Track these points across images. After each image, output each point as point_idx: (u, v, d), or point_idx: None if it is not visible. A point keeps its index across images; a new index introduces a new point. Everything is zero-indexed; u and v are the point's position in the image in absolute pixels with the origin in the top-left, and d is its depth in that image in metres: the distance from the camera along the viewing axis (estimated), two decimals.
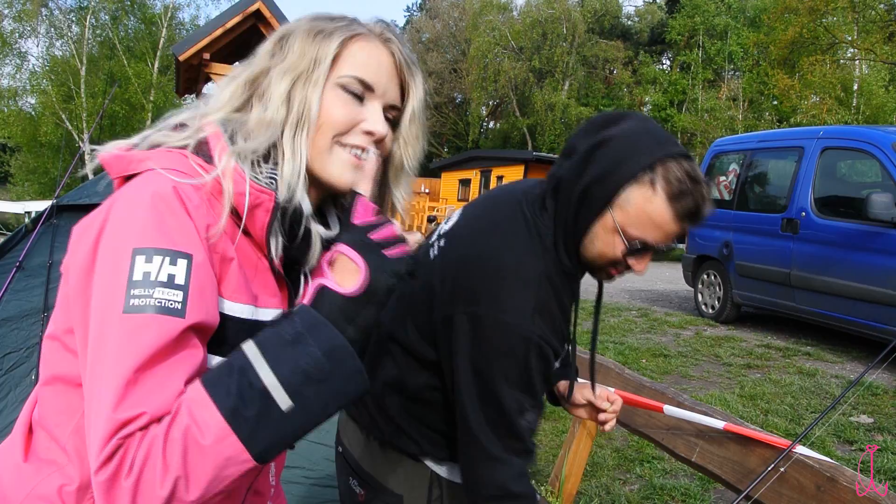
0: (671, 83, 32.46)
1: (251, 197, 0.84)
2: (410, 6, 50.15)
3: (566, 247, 1.21)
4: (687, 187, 1.13)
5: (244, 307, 0.84)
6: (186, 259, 0.75)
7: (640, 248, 1.18)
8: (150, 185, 0.78)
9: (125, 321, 0.72)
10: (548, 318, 1.17)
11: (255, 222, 0.86)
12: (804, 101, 22.90)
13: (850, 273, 5.87)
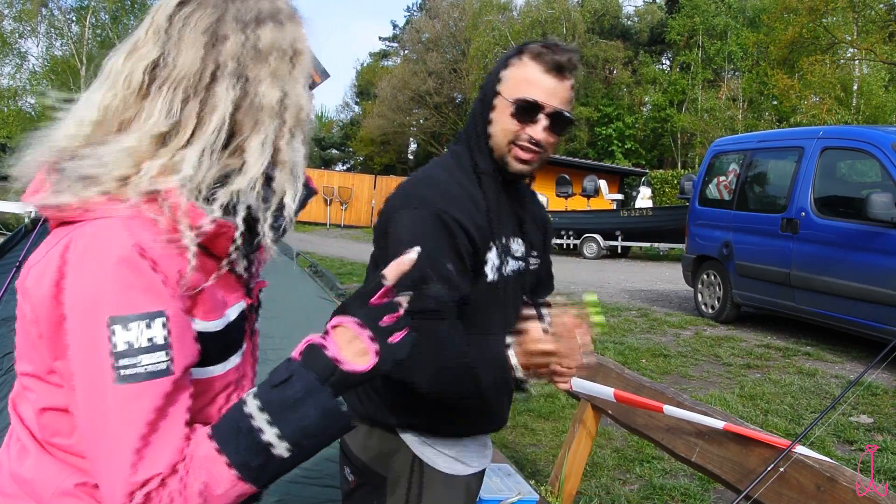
0: (671, 83, 32.43)
1: (213, 228, 0.87)
2: (410, 6, 50.17)
3: (479, 149, 1.41)
4: (546, 49, 1.34)
5: (217, 322, 0.91)
6: (162, 318, 0.80)
7: (524, 107, 1.34)
8: (112, 247, 0.80)
9: (119, 392, 0.78)
10: (452, 201, 1.33)
11: (217, 247, 0.90)
12: (804, 101, 22.90)
13: (850, 273, 5.86)
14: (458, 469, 1.49)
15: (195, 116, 0.87)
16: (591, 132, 33.72)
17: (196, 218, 0.85)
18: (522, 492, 2.44)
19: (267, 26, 0.91)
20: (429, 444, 1.45)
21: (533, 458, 3.94)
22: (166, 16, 0.89)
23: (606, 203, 19.33)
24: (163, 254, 0.82)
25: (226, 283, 0.95)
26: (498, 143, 1.39)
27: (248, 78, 0.90)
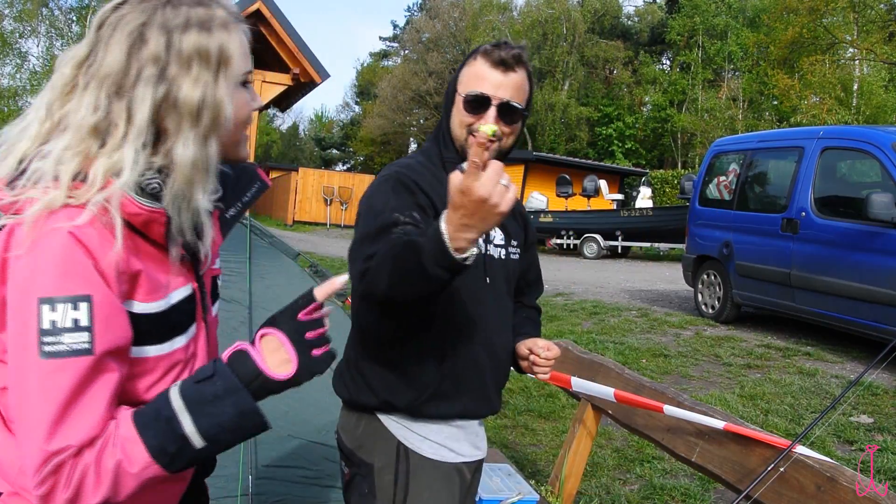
0: (671, 83, 32.43)
1: (143, 216, 0.94)
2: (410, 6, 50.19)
3: (445, 143, 1.56)
4: (493, 47, 1.49)
5: (157, 303, 0.98)
6: (87, 302, 0.87)
7: (473, 100, 1.48)
8: (50, 234, 0.87)
9: (41, 366, 0.86)
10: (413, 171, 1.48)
11: (153, 233, 0.97)
12: (804, 101, 22.90)
13: (850, 273, 5.86)
14: (446, 455, 1.49)
15: (125, 115, 0.94)
16: (591, 132, 33.72)
17: (127, 206, 0.92)
18: (522, 492, 2.44)
19: (192, 32, 0.97)
20: (413, 431, 1.47)
21: (533, 458, 3.94)
22: (99, 18, 0.97)
23: (607, 203, 19.33)
24: (99, 242, 0.89)
25: (169, 268, 1.01)
26: (458, 136, 1.53)
27: (170, 80, 0.95)
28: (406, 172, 1.47)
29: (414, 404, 1.46)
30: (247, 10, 12.37)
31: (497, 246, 1.57)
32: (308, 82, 13.48)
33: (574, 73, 34.45)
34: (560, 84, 34.25)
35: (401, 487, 1.46)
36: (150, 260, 0.98)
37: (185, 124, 0.96)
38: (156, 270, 0.98)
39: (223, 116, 0.99)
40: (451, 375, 1.46)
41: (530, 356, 1.57)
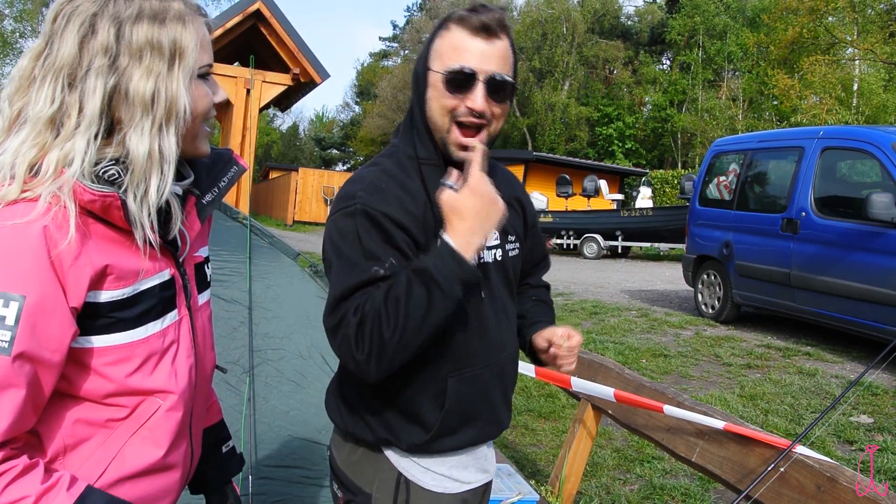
0: (671, 83, 32.45)
1: (98, 202, 0.94)
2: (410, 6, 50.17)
3: (419, 136, 1.30)
4: (470, 11, 1.24)
5: (125, 290, 0.98)
6: (19, 301, 0.86)
7: (458, 76, 1.22)
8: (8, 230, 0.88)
9: None
10: (379, 195, 1.22)
11: (114, 218, 0.97)
12: (804, 101, 22.90)
13: (850, 273, 5.86)
14: (450, 486, 1.38)
15: (77, 106, 0.94)
16: (591, 132, 33.73)
17: (80, 193, 0.93)
18: (523, 492, 2.44)
19: (144, 24, 0.96)
20: (414, 461, 1.36)
21: (533, 458, 3.94)
22: (54, 9, 0.97)
23: (607, 203, 19.33)
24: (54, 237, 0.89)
25: (138, 254, 1.01)
26: (438, 125, 1.27)
27: (121, 71, 0.95)
28: (372, 204, 1.21)
29: (417, 445, 1.32)
30: (247, 10, 12.38)
31: (490, 248, 1.36)
32: (308, 82, 13.49)
33: (574, 73, 34.46)
34: (560, 84, 34.24)
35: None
36: (118, 247, 0.98)
37: (138, 115, 0.96)
38: (124, 258, 0.99)
39: (178, 108, 0.99)
40: (455, 409, 1.31)
41: (550, 349, 1.40)
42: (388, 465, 1.35)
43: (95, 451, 1.00)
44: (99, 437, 1.01)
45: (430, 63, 1.27)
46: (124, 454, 1.02)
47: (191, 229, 1.13)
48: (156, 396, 1.04)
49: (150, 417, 1.04)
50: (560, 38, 33.89)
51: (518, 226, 1.47)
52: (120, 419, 1.02)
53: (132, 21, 0.96)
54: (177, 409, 1.07)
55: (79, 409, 0.99)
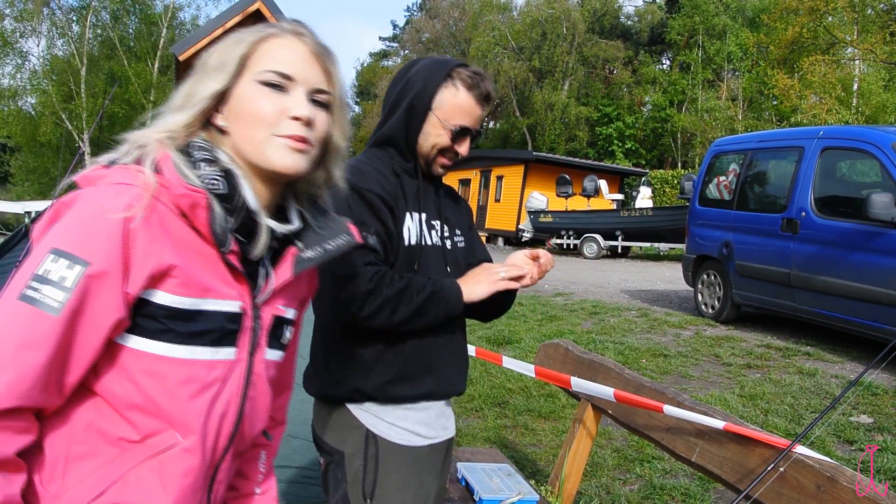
0: (671, 83, 32.43)
1: (188, 197, 0.94)
2: (410, 6, 50.17)
3: (402, 154, 1.62)
4: (478, 79, 1.58)
5: (185, 299, 0.94)
6: (83, 266, 0.86)
7: (460, 132, 1.59)
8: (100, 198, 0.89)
9: (11, 306, 0.85)
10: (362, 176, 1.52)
11: (198, 220, 0.95)
12: (804, 101, 22.89)
13: (850, 273, 5.86)
14: (414, 440, 1.56)
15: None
16: (591, 132, 33.72)
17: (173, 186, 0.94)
18: (522, 492, 2.44)
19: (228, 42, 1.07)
20: (381, 418, 1.54)
21: (533, 458, 3.94)
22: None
23: (607, 203, 19.33)
24: (141, 220, 0.90)
25: (217, 273, 0.98)
26: (426, 153, 1.60)
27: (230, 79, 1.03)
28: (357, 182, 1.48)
29: (381, 387, 1.52)
30: (246, 10, 12.39)
31: (446, 237, 1.66)
32: None
33: (574, 72, 34.44)
34: (560, 84, 34.23)
35: (370, 472, 1.53)
36: (192, 254, 0.95)
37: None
38: (194, 267, 0.95)
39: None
40: (413, 359, 1.54)
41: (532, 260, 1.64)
42: (356, 422, 1.54)
43: (98, 470, 0.93)
44: (105, 455, 0.94)
45: (434, 106, 1.57)
46: (127, 480, 0.94)
47: (279, 277, 1.07)
48: (176, 430, 0.96)
49: (163, 451, 0.95)
50: (560, 37, 33.86)
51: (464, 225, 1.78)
52: (132, 441, 0.95)
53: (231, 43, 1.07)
54: (194, 453, 0.97)
55: (95, 414, 0.94)
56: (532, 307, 8.56)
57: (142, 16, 29.90)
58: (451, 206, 1.75)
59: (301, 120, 1.01)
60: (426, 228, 1.61)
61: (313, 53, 1.05)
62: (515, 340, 6.73)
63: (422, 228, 1.59)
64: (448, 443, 1.68)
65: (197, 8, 52.57)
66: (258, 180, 1.04)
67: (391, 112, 1.63)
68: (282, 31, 1.06)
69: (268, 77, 1.01)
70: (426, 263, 1.59)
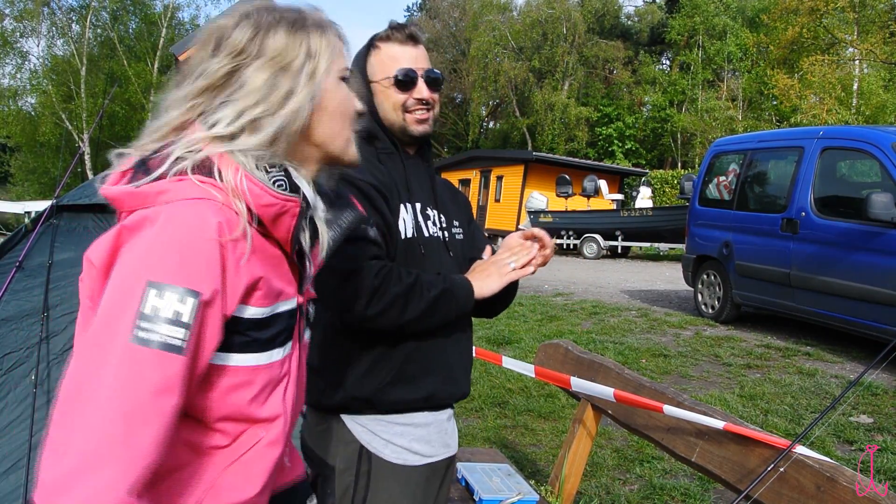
0: (671, 83, 32.42)
1: (277, 206, 0.91)
2: (410, 6, 50.09)
3: (377, 135, 1.54)
4: (393, 29, 1.54)
5: (265, 310, 0.93)
6: (195, 298, 0.80)
7: (404, 77, 1.51)
8: (183, 219, 0.83)
9: (128, 350, 0.77)
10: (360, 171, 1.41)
11: (281, 228, 0.94)
12: (804, 101, 22.89)
13: (850, 273, 5.86)
14: (411, 460, 1.47)
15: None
16: (591, 132, 33.71)
17: (257, 195, 0.89)
18: (522, 492, 2.44)
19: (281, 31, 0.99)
20: (376, 434, 1.45)
21: (533, 458, 3.94)
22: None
23: (606, 203, 19.33)
24: (233, 238, 0.86)
25: (284, 274, 0.98)
26: (392, 120, 1.54)
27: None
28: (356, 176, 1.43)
29: (378, 391, 1.43)
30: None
31: (435, 225, 1.59)
32: None
33: (574, 73, 34.43)
34: (560, 84, 34.23)
35: (360, 490, 1.45)
36: (271, 262, 0.94)
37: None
38: (273, 275, 0.94)
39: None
40: (413, 358, 1.45)
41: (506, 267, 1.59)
42: (350, 436, 1.46)
43: (192, 479, 0.90)
44: (196, 464, 0.91)
45: (370, 78, 1.53)
46: (220, 485, 0.92)
47: (315, 263, 1.07)
48: (258, 427, 0.96)
49: (249, 449, 0.95)
50: (560, 38, 33.85)
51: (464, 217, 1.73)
52: (221, 447, 0.93)
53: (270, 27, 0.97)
54: (277, 444, 0.98)
55: (187, 431, 0.89)
56: (532, 307, 8.56)
57: (141, 16, 29.90)
58: (448, 197, 1.69)
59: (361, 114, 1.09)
60: (422, 219, 1.54)
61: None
62: (515, 340, 6.73)
63: (417, 219, 1.53)
64: (449, 461, 1.58)
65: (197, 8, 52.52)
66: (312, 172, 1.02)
67: None
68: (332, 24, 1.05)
69: (347, 74, 1.05)
70: (427, 256, 1.51)
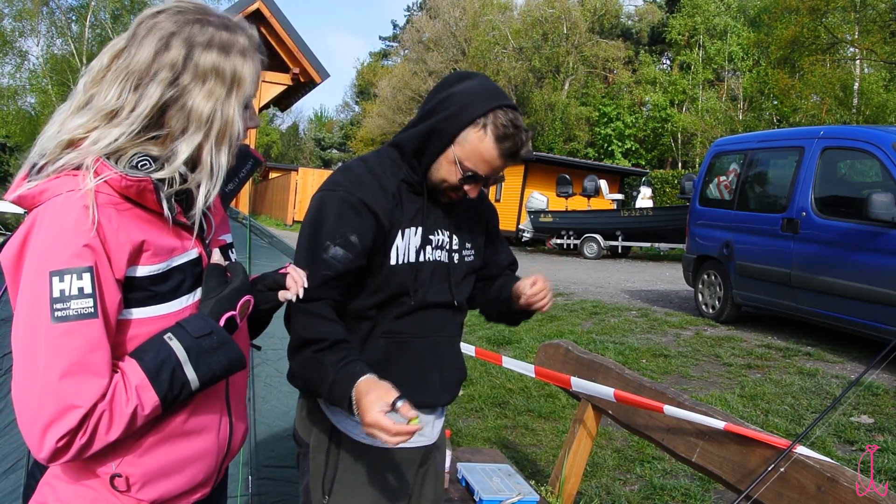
0: (671, 83, 32.40)
1: (133, 187, 1.07)
2: (410, 6, 50.12)
3: (413, 169, 1.53)
4: (510, 132, 1.44)
5: (160, 265, 1.12)
6: (90, 272, 1.01)
7: (472, 178, 1.49)
8: (64, 217, 1.02)
9: (53, 330, 0.99)
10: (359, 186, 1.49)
11: (147, 200, 1.10)
12: (804, 100, 22.87)
13: (850, 273, 5.86)
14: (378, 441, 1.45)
15: (132, 104, 1.09)
16: (591, 132, 33.71)
17: (117, 180, 1.06)
18: (523, 492, 2.44)
19: (213, 52, 1.12)
20: (346, 415, 1.50)
21: (533, 459, 3.94)
22: (139, 19, 1.13)
23: (607, 203, 19.33)
24: (102, 218, 1.04)
25: (173, 234, 1.15)
26: (435, 182, 1.53)
27: (181, 88, 1.10)
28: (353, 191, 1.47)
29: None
30: (246, 10, 12.37)
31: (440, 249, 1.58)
32: (308, 82, 13.48)
33: (574, 72, 34.42)
34: (560, 84, 34.22)
35: (331, 467, 1.52)
36: (152, 227, 1.12)
37: (192, 128, 1.12)
38: (158, 237, 1.12)
39: (233, 131, 1.16)
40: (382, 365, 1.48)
41: (521, 299, 1.64)
42: (323, 416, 1.55)
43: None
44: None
45: (457, 140, 1.47)
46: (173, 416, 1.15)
47: (215, 215, 1.27)
48: None
49: None
50: (560, 37, 33.84)
51: (479, 236, 1.72)
52: None
53: (203, 47, 1.11)
54: None
55: None
56: None
57: None
58: (466, 215, 1.66)
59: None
60: (423, 244, 1.54)
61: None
62: (515, 340, 6.73)
63: (420, 244, 1.53)
64: (425, 451, 1.61)
65: None
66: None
67: (420, 120, 1.53)
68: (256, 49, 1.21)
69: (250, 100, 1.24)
70: (422, 281, 1.53)
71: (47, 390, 0.97)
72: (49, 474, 1.15)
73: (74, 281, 0.99)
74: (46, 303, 0.99)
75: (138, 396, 1.04)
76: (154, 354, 1.07)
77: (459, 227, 1.63)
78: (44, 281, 0.99)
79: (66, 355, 0.98)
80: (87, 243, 1.01)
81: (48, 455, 0.99)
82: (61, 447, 0.98)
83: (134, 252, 1.08)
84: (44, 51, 28.83)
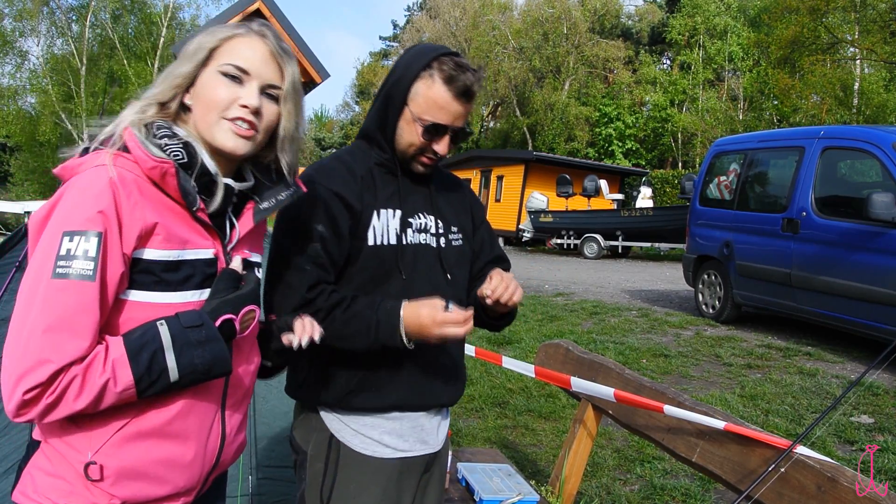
0: (671, 83, 32.39)
1: (157, 169, 1.12)
2: (410, 6, 50.12)
3: (380, 145, 1.53)
4: (456, 72, 1.44)
5: (170, 252, 1.13)
6: (98, 237, 1.04)
7: (433, 128, 1.46)
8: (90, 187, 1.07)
9: (51, 284, 1.02)
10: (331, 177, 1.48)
11: (169, 185, 1.13)
12: (804, 100, 22.85)
13: (850, 273, 5.86)
14: (380, 451, 1.49)
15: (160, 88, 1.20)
16: (591, 132, 33.69)
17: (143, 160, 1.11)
18: (523, 492, 2.44)
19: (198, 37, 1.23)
20: (346, 424, 1.49)
21: (533, 459, 3.94)
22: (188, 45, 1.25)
23: (607, 203, 19.33)
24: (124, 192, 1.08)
25: (192, 228, 1.18)
26: (403, 150, 1.51)
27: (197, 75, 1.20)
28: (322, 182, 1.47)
29: (342, 399, 1.48)
30: (247, 10, 12.37)
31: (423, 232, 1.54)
32: (308, 82, 13.47)
33: (574, 72, 34.41)
34: (560, 84, 34.21)
35: (329, 477, 1.49)
36: (170, 213, 1.14)
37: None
38: (173, 223, 1.14)
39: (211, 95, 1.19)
40: (378, 366, 1.47)
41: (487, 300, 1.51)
42: (321, 425, 1.51)
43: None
44: None
45: (409, 100, 1.47)
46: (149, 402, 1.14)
47: (242, 226, 1.27)
48: None
49: None
50: (560, 37, 33.83)
51: (465, 222, 1.67)
52: None
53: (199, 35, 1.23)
54: None
55: None
56: (532, 307, 8.56)
57: (142, 15, 29.87)
58: (447, 200, 1.63)
59: (248, 108, 1.18)
60: (403, 226, 1.51)
61: (272, 53, 1.22)
62: (515, 340, 6.73)
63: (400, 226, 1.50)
64: (428, 458, 1.58)
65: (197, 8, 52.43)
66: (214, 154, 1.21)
67: (374, 100, 1.55)
68: (248, 32, 1.22)
69: (227, 69, 1.18)
70: (409, 264, 1.49)
71: (30, 341, 1.00)
72: (31, 464, 1.15)
73: (82, 243, 1.03)
74: (52, 259, 1.03)
75: (113, 370, 1.04)
76: (140, 335, 1.08)
77: (442, 210, 1.60)
78: (56, 239, 1.04)
79: (55, 311, 1.01)
80: (101, 209, 1.05)
81: (16, 406, 1.00)
82: (29, 399, 1.00)
83: (145, 232, 1.10)
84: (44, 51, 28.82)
